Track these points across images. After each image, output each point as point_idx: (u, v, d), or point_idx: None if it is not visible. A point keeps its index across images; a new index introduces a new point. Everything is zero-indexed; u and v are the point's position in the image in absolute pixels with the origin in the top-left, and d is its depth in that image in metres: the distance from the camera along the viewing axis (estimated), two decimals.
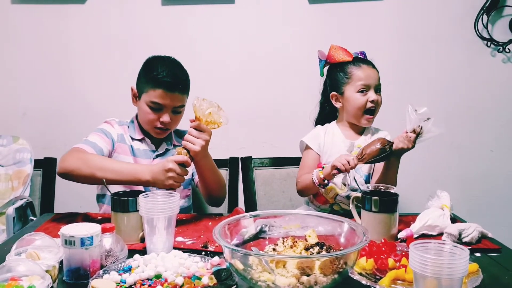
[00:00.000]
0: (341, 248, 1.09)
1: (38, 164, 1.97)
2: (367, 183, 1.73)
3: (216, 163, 1.64)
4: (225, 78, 2.40)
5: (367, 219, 1.36)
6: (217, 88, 2.35)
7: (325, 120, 1.84)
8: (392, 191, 1.40)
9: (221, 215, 1.61)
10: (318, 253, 1.07)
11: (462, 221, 1.48)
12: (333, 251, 1.07)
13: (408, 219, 1.48)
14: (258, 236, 1.18)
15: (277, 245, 1.13)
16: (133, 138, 1.69)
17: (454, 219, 1.47)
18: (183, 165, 1.44)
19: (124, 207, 1.31)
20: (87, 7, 2.36)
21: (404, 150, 1.56)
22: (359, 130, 1.78)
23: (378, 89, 1.71)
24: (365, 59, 1.74)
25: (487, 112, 2.43)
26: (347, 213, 1.53)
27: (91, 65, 2.40)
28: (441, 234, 1.35)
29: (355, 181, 1.70)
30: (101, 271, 1.06)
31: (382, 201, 1.34)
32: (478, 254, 1.24)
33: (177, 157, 1.44)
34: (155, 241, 1.21)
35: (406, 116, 1.55)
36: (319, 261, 0.96)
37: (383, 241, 1.22)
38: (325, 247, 1.09)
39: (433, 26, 2.38)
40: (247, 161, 2.04)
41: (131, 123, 1.72)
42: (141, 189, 1.53)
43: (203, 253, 1.23)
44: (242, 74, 2.41)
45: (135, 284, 1.02)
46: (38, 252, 1.04)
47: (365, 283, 1.04)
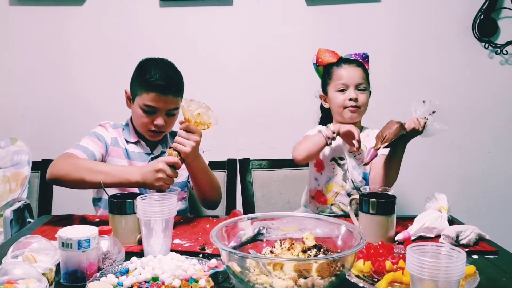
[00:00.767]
0: (339, 251, 1.09)
1: (36, 166, 1.96)
2: (366, 181, 1.73)
3: (213, 165, 1.64)
4: (223, 79, 2.40)
5: (365, 221, 1.35)
6: (215, 89, 2.35)
7: (327, 123, 1.82)
8: (389, 193, 1.40)
9: (219, 217, 1.60)
10: (316, 255, 1.06)
11: (460, 223, 1.48)
12: (330, 254, 1.07)
13: (405, 221, 1.48)
14: (255, 238, 1.18)
15: (274, 247, 1.13)
16: (127, 141, 1.68)
17: (452, 221, 1.47)
18: (174, 166, 1.43)
19: (121, 209, 1.31)
20: (86, 8, 2.36)
21: (414, 134, 1.56)
22: None
23: (360, 87, 1.70)
24: (350, 59, 1.73)
25: (486, 113, 2.43)
26: (346, 216, 1.53)
27: (90, 66, 2.40)
28: (438, 236, 1.35)
29: (353, 182, 1.70)
30: (98, 274, 1.06)
31: (379, 203, 1.33)
32: (475, 257, 1.24)
33: (167, 158, 1.44)
34: (152, 243, 1.21)
35: (412, 106, 1.56)
36: (316, 263, 0.96)
37: (380, 243, 1.22)
38: (322, 250, 1.09)
39: (431, 27, 2.38)
40: (245, 163, 2.04)
41: (126, 126, 1.71)
42: (138, 191, 1.53)
43: (201, 255, 1.23)
44: (240, 75, 2.41)
45: (132, 287, 1.02)
46: (35, 255, 1.04)
47: (362, 286, 1.04)
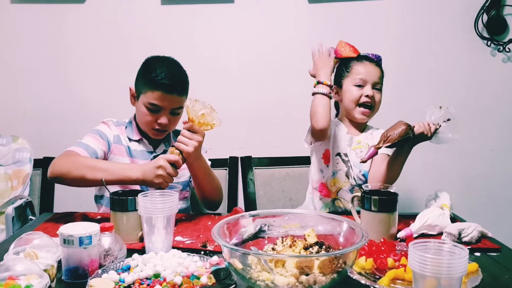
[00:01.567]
0: (340, 248, 1.09)
1: (37, 163, 1.97)
2: (366, 178, 1.72)
3: (215, 163, 1.63)
4: (224, 77, 2.40)
5: (367, 219, 1.35)
6: (216, 88, 2.35)
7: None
8: (391, 190, 1.40)
9: (220, 214, 1.60)
10: (317, 252, 1.06)
11: (462, 220, 1.48)
12: (332, 251, 1.07)
13: (407, 218, 1.48)
14: (257, 235, 1.17)
15: (276, 244, 1.13)
16: (130, 139, 1.68)
17: (454, 218, 1.47)
18: (175, 165, 1.43)
19: (123, 206, 1.31)
20: (87, 6, 2.36)
21: (421, 138, 1.54)
22: (360, 128, 1.78)
23: (377, 86, 1.70)
24: (371, 57, 1.73)
25: (488, 111, 2.43)
26: (347, 212, 1.52)
27: (91, 65, 2.40)
28: (440, 233, 1.35)
29: (354, 179, 1.70)
30: (99, 271, 1.06)
31: (381, 201, 1.33)
32: (477, 254, 1.24)
33: (169, 156, 1.44)
34: (154, 240, 1.21)
35: (428, 109, 1.55)
36: (318, 260, 0.95)
37: (382, 240, 1.22)
38: (324, 247, 1.08)
39: (433, 25, 2.38)
40: (247, 161, 2.04)
41: (129, 124, 1.71)
42: (140, 188, 1.53)
43: (202, 252, 1.23)
44: (242, 73, 2.41)
45: (133, 284, 1.02)
46: (37, 251, 1.04)
47: (364, 283, 1.04)
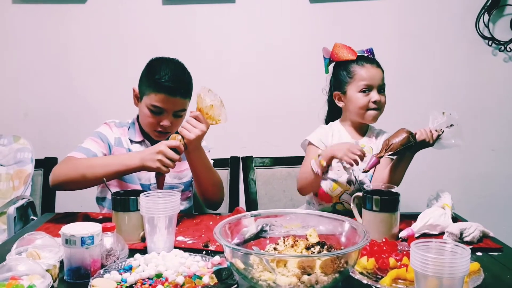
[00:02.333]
0: (342, 248, 1.09)
1: (39, 163, 1.97)
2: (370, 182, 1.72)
3: (217, 163, 1.63)
4: (226, 77, 2.40)
5: (368, 218, 1.35)
6: (218, 87, 2.31)
7: (334, 118, 1.80)
8: (393, 190, 1.40)
9: (222, 214, 1.60)
10: (319, 252, 1.06)
11: (464, 220, 1.48)
12: (334, 251, 1.07)
13: (409, 218, 1.48)
14: (259, 235, 1.17)
15: (278, 244, 1.13)
16: (132, 141, 1.67)
17: (456, 218, 1.47)
18: (176, 151, 1.43)
19: (125, 206, 1.31)
20: (88, 6, 2.37)
21: (423, 145, 1.53)
22: (363, 130, 1.76)
23: (381, 89, 1.67)
24: (370, 57, 1.69)
25: (489, 111, 2.43)
26: (349, 213, 1.52)
27: (92, 65, 2.40)
28: (442, 233, 1.35)
29: (358, 182, 1.69)
30: (101, 271, 1.06)
31: (383, 200, 1.33)
32: (479, 254, 1.24)
33: (170, 142, 1.44)
34: (156, 240, 1.21)
35: (430, 115, 1.54)
36: (320, 260, 0.95)
37: (384, 240, 1.22)
38: (326, 247, 1.08)
39: (434, 25, 2.38)
40: (248, 161, 2.04)
41: (132, 125, 1.70)
42: (141, 188, 1.53)
43: (204, 252, 1.23)
44: (243, 73, 2.41)
45: (135, 284, 1.02)
46: (39, 251, 1.04)
47: (366, 283, 1.04)
